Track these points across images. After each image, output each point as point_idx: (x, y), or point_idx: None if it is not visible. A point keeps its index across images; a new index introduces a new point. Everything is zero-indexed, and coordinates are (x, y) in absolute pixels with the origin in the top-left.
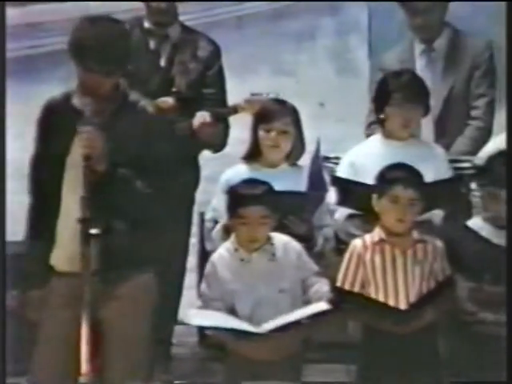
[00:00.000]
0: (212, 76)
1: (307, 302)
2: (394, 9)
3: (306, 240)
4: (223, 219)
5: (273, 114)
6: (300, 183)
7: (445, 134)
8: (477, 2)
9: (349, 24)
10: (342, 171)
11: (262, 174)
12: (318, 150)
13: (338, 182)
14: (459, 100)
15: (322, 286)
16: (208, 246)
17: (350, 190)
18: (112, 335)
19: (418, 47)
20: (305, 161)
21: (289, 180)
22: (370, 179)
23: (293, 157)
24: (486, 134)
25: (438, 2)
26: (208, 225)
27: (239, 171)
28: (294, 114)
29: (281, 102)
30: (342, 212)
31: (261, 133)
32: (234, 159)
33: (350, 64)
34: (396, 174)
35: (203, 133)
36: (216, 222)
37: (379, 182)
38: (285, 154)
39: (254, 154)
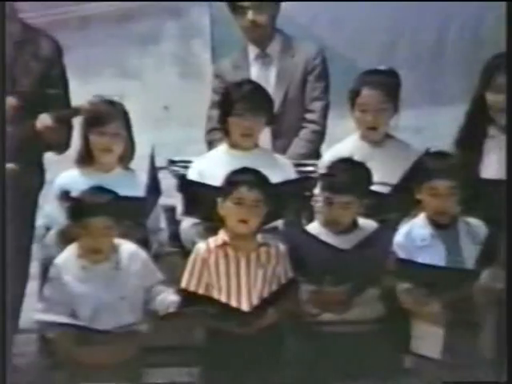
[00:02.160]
0: (54, 76)
1: (153, 311)
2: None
3: (142, 244)
4: (57, 225)
5: (104, 116)
6: (134, 187)
7: (281, 136)
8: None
9: (192, 28)
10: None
11: (95, 178)
12: (153, 155)
13: (186, 184)
14: (294, 103)
15: (167, 296)
16: (42, 253)
17: (196, 199)
18: None
19: (252, 52)
20: (139, 165)
21: (122, 184)
22: None
23: (125, 160)
24: (321, 137)
25: (264, 3)
26: (39, 231)
27: (72, 176)
28: (125, 116)
29: (111, 104)
30: (187, 221)
31: (92, 136)
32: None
33: (194, 68)
34: (241, 177)
35: (46, 134)
36: (48, 228)
37: (225, 186)
38: (117, 158)
39: (86, 158)
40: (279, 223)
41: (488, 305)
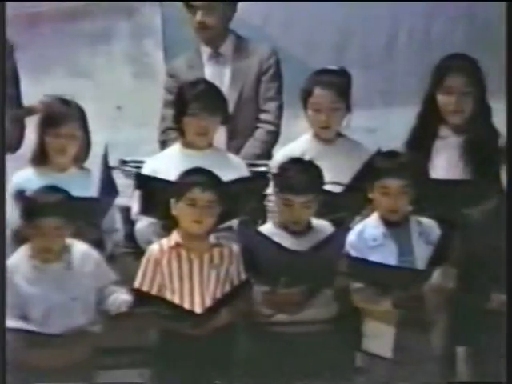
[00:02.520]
0: (6, 75)
1: (105, 312)
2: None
3: (96, 245)
4: (13, 225)
5: (60, 117)
6: (89, 187)
7: (235, 136)
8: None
9: (144, 28)
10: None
11: (50, 178)
12: (106, 155)
13: (144, 181)
14: (249, 104)
15: (120, 295)
16: None
17: (152, 198)
18: None
19: (206, 52)
20: (94, 165)
21: (77, 184)
22: None
23: (81, 160)
24: (275, 137)
25: (215, 3)
26: None
27: (27, 175)
28: (81, 116)
29: (67, 104)
30: (143, 221)
31: (47, 137)
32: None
33: (147, 68)
34: (193, 178)
35: None
36: None
37: (178, 187)
38: (72, 158)
39: (40, 158)
40: (234, 223)
41: (438, 304)
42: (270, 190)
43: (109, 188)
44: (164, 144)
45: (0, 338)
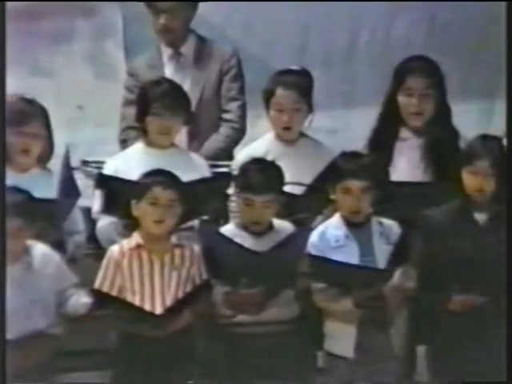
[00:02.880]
0: None
1: (66, 314)
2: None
3: (57, 247)
4: None
5: (23, 116)
6: (51, 187)
7: (197, 136)
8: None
9: (104, 28)
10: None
11: (11, 178)
12: (67, 156)
13: (105, 180)
14: (210, 104)
15: (80, 297)
16: None
17: (114, 197)
18: None
19: (166, 52)
20: (55, 166)
21: (40, 185)
22: None
23: (44, 160)
24: (239, 134)
25: (179, 6)
26: None
27: None
28: (44, 115)
29: (30, 103)
30: (104, 220)
31: (10, 137)
32: None
33: (108, 68)
34: (154, 178)
35: None
36: None
37: (138, 187)
38: (36, 158)
39: (2, 158)
40: (195, 223)
41: (399, 303)
42: (231, 191)
43: (70, 189)
44: (124, 143)
45: (0, 338)
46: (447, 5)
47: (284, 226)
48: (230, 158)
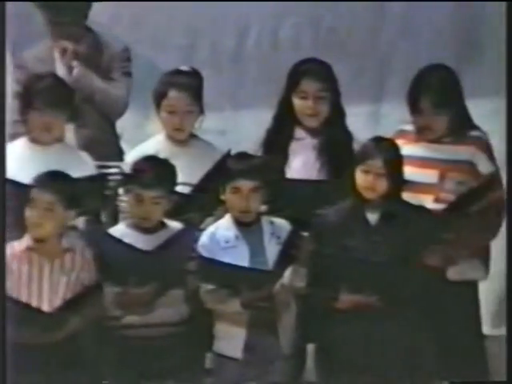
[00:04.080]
0: None
1: None
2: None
3: None
4: None
5: None
6: None
7: (86, 133)
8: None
9: None
10: None
11: None
12: None
13: None
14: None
15: None
16: None
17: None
18: None
19: (58, 47)
20: None
21: None
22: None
23: None
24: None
25: (76, 3)
26: None
27: None
28: None
29: None
30: None
31: None
32: None
33: None
34: (40, 179)
35: None
36: None
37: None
38: None
39: None
40: (79, 222)
41: (288, 303)
42: (121, 191)
43: None
44: (15, 137)
45: (0, 335)
46: (333, 8)
47: (176, 225)
48: (121, 157)
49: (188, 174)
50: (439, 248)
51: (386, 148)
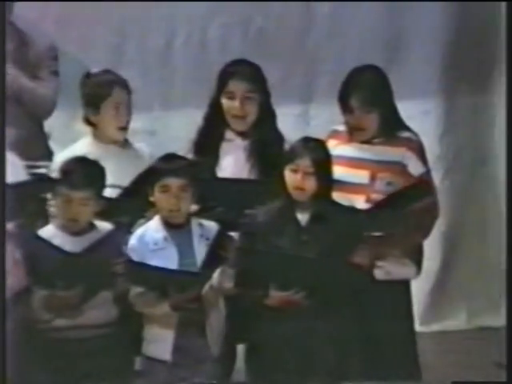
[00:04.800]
0: None
1: None
2: None
3: None
4: None
5: None
6: None
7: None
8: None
9: None
10: None
11: None
12: None
13: None
14: None
15: None
16: None
17: None
18: None
19: None
20: None
21: None
22: None
23: None
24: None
25: None
26: None
27: None
28: None
29: None
30: None
31: None
32: None
33: None
34: None
35: None
36: None
37: None
38: None
39: None
40: (10, 226)
41: (217, 304)
42: (50, 194)
43: None
44: None
45: (0, 338)
46: (262, 9)
47: (105, 226)
48: (50, 158)
49: (117, 176)
50: (367, 247)
51: (314, 147)
